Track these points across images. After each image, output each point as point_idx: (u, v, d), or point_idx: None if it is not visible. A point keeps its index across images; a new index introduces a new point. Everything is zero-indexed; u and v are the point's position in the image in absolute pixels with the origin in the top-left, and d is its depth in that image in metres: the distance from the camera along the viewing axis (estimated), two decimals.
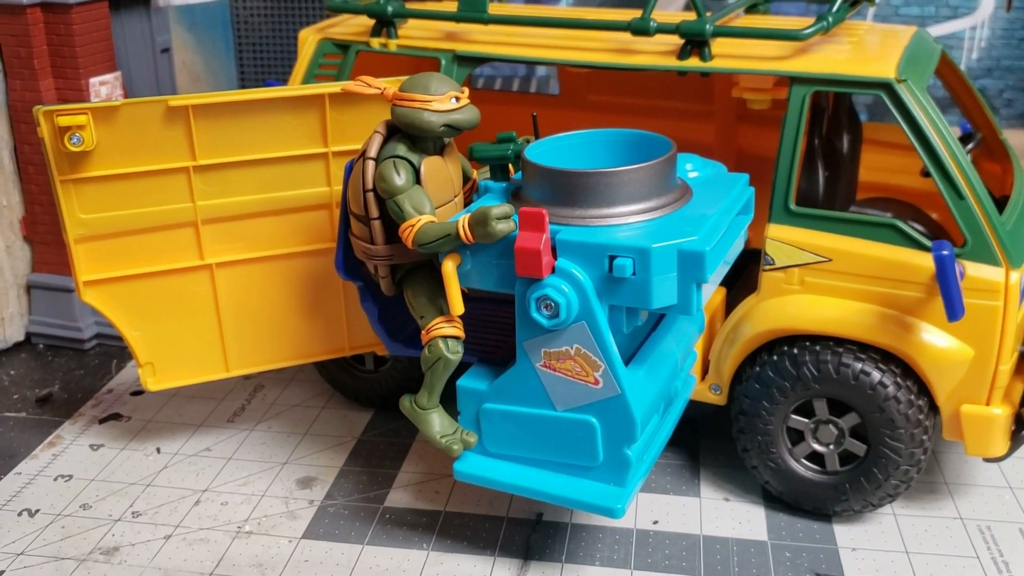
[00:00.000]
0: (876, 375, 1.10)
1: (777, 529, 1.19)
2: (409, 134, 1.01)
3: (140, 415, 1.45)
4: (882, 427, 1.12)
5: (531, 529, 1.19)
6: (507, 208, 0.93)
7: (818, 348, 1.13)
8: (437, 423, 1.06)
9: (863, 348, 1.12)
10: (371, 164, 1.00)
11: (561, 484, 1.03)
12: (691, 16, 1.19)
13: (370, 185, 1.01)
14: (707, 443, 1.36)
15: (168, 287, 1.21)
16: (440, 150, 1.04)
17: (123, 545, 1.17)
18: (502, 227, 0.92)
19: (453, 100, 1.00)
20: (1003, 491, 1.27)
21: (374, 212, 1.02)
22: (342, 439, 1.39)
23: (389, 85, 1.03)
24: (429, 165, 1.01)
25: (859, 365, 1.11)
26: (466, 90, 1.02)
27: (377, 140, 1.02)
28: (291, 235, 1.24)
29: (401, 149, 1.00)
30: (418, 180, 1.00)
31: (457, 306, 0.98)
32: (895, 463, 1.13)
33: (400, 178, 0.98)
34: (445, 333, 1.02)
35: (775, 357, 1.16)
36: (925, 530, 1.19)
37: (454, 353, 1.02)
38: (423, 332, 1.03)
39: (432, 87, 1.00)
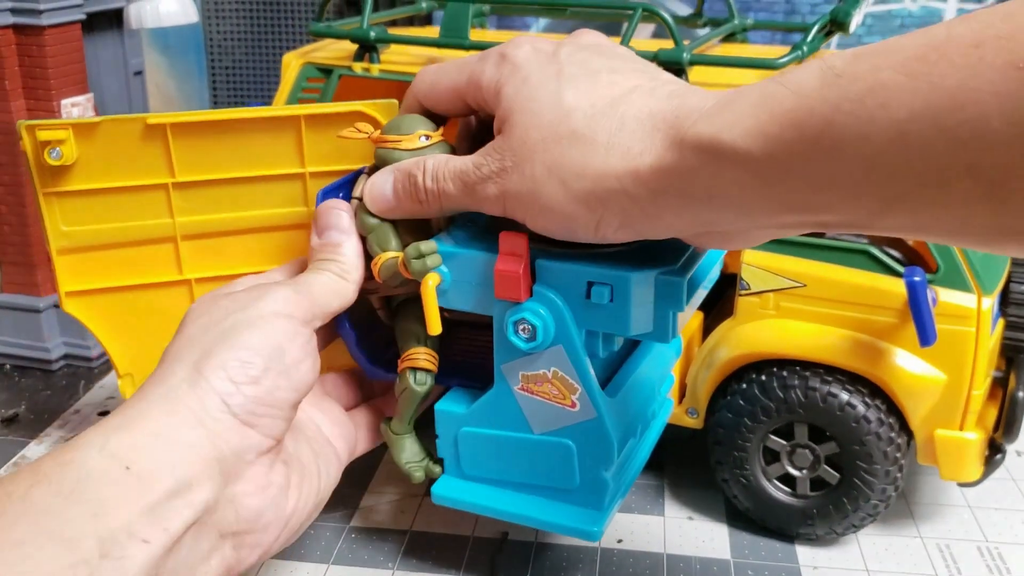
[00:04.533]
0: (861, 409, 1.11)
1: (740, 548, 1.20)
2: None
3: None
4: (859, 460, 1.13)
5: (496, 548, 1.19)
6: (431, 244, 0.95)
7: (790, 373, 1.14)
8: (407, 450, 1.07)
9: (830, 371, 1.13)
10: (356, 204, 1.02)
11: (539, 507, 1.02)
12: (669, 44, 1.20)
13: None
14: (672, 463, 1.36)
15: (148, 300, 1.21)
16: None
17: None
18: (416, 265, 0.95)
19: (423, 139, 1.00)
20: (963, 510, 1.29)
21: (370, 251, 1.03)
22: None
23: (376, 130, 1.04)
24: None
25: (845, 396, 1.12)
26: (442, 129, 1.03)
27: (362, 181, 1.03)
28: (268, 254, 1.24)
29: None
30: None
31: (435, 325, 0.98)
32: (866, 496, 1.14)
33: (369, 217, 1.00)
34: (415, 365, 1.03)
35: (751, 381, 1.16)
36: (886, 548, 1.20)
37: (420, 385, 1.03)
38: (400, 359, 1.04)
39: (403, 127, 1.01)
